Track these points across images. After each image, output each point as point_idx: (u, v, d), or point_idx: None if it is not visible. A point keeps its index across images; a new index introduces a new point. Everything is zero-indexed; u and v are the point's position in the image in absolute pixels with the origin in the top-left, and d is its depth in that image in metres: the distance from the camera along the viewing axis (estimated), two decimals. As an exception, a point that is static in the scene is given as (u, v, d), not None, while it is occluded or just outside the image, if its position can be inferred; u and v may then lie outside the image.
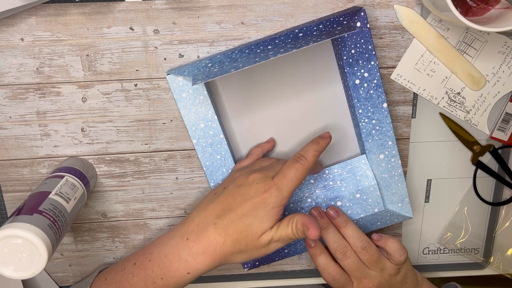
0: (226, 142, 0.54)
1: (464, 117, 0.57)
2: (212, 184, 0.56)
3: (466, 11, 0.48)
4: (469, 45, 0.54)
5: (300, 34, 0.50)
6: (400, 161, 0.55)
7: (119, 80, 0.53)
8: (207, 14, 0.51)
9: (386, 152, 0.55)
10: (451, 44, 0.54)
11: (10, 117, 0.54)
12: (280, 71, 0.55)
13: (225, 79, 0.54)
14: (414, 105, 0.57)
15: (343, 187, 0.56)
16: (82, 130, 0.55)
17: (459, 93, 0.56)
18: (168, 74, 0.52)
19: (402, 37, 0.54)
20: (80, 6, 0.50)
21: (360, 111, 0.53)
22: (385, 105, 0.53)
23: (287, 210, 0.58)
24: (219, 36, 0.52)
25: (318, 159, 0.50)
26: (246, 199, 0.47)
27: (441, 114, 0.57)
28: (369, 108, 0.53)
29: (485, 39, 0.54)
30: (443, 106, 0.56)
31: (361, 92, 0.52)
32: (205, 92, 0.52)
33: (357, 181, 0.56)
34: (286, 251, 0.59)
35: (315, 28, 0.50)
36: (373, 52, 0.51)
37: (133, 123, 0.55)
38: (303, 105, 0.56)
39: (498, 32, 0.52)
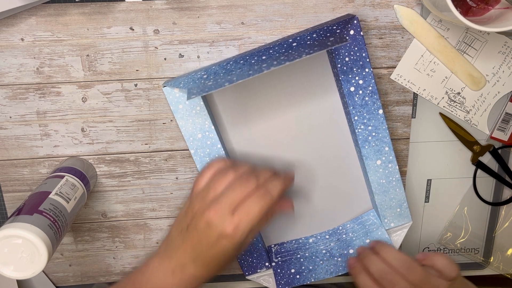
0: (224, 152, 0.54)
1: (464, 117, 0.57)
2: None
3: (466, 11, 0.48)
4: (469, 45, 0.54)
5: (294, 44, 0.50)
6: (397, 167, 0.55)
7: (119, 80, 0.53)
8: (207, 14, 0.51)
9: (383, 158, 0.55)
10: (451, 44, 0.54)
11: (10, 117, 0.54)
12: (276, 80, 0.55)
13: (221, 89, 0.54)
14: (414, 105, 0.57)
15: (355, 237, 0.59)
16: (82, 130, 0.55)
17: (459, 93, 0.56)
18: (165, 86, 0.52)
19: (402, 37, 0.54)
20: (80, 6, 0.50)
21: (356, 118, 0.53)
22: (380, 111, 0.53)
23: (304, 259, 0.59)
24: (219, 36, 0.52)
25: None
26: (213, 244, 0.46)
27: (441, 114, 0.57)
28: (365, 114, 0.53)
29: (485, 39, 0.54)
30: (443, 106, 0.56)
31: (356, 99, 0.53)
32: (201, 103, 0.52)
33: (367, 230, 0.58)
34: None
35: (308, 37, 0.50)
36: (367, 59, 0.51)
37: (133, 123, 0.55)
38: (300, 113, 0.56)
39: (498, 32, 0.52)
